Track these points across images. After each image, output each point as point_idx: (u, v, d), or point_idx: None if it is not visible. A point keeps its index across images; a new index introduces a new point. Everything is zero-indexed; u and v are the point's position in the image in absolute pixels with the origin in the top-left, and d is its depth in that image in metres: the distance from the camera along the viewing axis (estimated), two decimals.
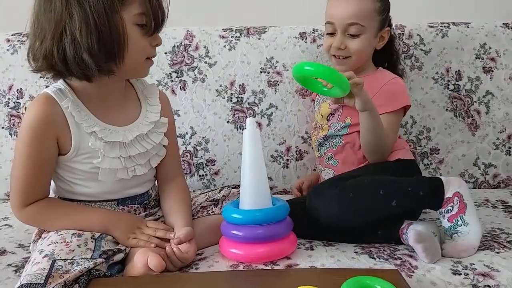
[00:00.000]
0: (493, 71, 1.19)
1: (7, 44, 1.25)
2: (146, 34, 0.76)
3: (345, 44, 0.97)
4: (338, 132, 1.00)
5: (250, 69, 1.21)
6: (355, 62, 1.00)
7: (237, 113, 1.20)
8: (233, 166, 1.18)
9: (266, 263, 0.74)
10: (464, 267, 0.73)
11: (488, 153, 1.18)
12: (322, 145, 1.03)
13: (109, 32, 0.71)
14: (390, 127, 0.94)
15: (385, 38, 1.02)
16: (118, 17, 0.72)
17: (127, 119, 0.82)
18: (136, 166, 0.81)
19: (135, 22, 0.74)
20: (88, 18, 0.70)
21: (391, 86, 0.98)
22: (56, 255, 0.69)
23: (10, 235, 0.91)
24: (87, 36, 0.70)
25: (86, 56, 0.71)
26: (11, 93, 1.22)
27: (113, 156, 0.78)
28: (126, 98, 0.84)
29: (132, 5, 0.73)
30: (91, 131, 0.76)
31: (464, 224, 0.78)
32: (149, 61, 0.80)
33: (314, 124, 1.09)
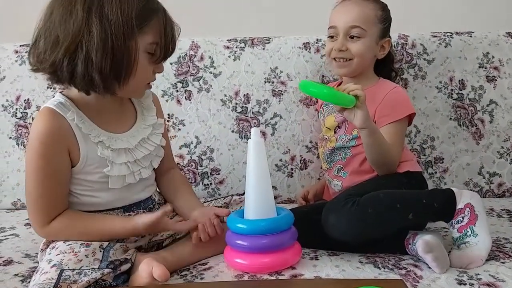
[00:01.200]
0: (496, 80, 1.20)
1: (15, 55, 1.27)
2: (153, 62, 0.77)
3: (347, 46, 0.99)
4: (346, 144, 1.00)
5: (255, 79, 1.22)
6: (357, 65, 1.00)
7: (242, 122, 1.21)
8: (238, 175, 1.18)
9: (271, 273, 0.74)
10: (470, 277, 0.73)
11: (492, 162, 1.18)
12: (331, 156, 1.03)
13: (122, 55, 0.72)
14: (395, 137, 0.94)
15: (386, 48, 1.03)
16: (133, 43, 0.72)
17: (125, 126, 0.83)
18: (141, 169, 0.83)
19: (147, 50, 0.75)
20: (107, 38, 0.70)
21: (393, 95, 0.98)
22: (64, 265, 0.69)
23: (17, 244, 0.92)
24: (102, 56, 0.70)
25: (97, 76, 0.71)
26: (18, 104, 1.24)
27: (121, 163, 0.79)
28: (121, 105, 0.85)
29: (149, 34, 0.74)
30: (98, 141, 0.77)
31: (473, 235, 0.77)
32: (148, 86, 0.82)
33: (321, 136, 1.08)
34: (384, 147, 0.90)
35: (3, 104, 1.23)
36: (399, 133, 0.96)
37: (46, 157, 0.74)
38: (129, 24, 0.71)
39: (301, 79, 1.20)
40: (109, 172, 0.78)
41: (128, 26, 0.71)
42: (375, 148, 0.90)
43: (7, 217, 1.12)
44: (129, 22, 0.71)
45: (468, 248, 0.77)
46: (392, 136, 0.93)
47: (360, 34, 0.98)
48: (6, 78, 1.24)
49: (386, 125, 0.94)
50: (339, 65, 1.01)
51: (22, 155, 1.22)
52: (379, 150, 0.90)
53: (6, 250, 0.89)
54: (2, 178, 1.21)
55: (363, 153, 0.97)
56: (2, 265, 0.82)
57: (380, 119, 0.96)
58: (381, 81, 1.05)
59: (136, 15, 0.72)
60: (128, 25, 0.71)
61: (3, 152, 1.22)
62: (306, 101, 1.20)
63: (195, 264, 0.79)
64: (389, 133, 0.93)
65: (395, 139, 0.93)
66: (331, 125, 1.04)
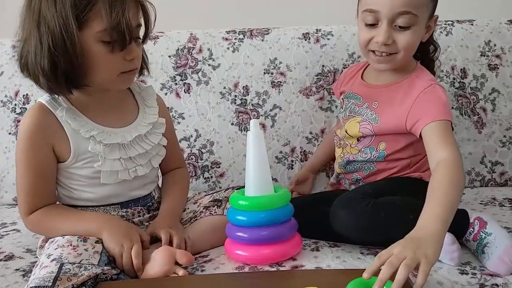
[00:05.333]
0: (498, 68, 1.18)
1: (13, 50, 1.26)
2: (114, 50, 0.73)
3: (393, 38, 0.81)
4: (371, 159, 0.89)
5: (254, 70, 1.21)
6: (401, 60, 0.84)
7: (241, 115, 1.20)
8: (238, 168, 1.17)
9: (271, 264, 0.74)
10: (472, 268, 0.72)
11: (494, 151, 1.17)
12: (349, 165, 0.92)
13: (66, 53, 0.70)
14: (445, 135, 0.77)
15: (431, 28, 0.86)
16: (74, 38, 0.70)
17: (125, 122, 0.82)
18: (137, 167, 0.81)
19: (100, 39, 0.72)
20: (42, 41, 0.70)
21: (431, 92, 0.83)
22: (64, 258, 0.69)
23: (18, 240, 0.92)
24: (41, 58, 0.70)
25: (40, 77, 0.72)
26: (17, 99, 1.24)
27: (114, 158, 0.79)
28: (122, 101, 0.84)
29: (93, 23, 0.71)
30: (89, 136, 0.77)
31: (488, 234, 0.74)
32: (125, 75, 0.77)
33: (340, 135, 0.95)
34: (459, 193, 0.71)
35: (2, 100, 1.23)
36: (449, 132, 0.79)
37: (29, 151, 0.76)
38: (65, 19, 0.69)
39: None
40: (100, 167, 0.78)
41: (64, 21, 0.69)
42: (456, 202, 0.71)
43: (9, 213, 1.12)
44: (64, 17, 0.69)
45: (491, 247, 0.73)
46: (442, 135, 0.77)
47: (411, 22, 0.79)
48: (4, 74, 1.24)
49: (431, 123, 0.79)
50: (380, 60, 0.84)
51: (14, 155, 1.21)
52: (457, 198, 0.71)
53: (8, 245, 0.89)
54: (3, 174, 1.21)
55: (388, 170, 0.87)
56: (3, 260, 0.82)
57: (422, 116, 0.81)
58: (419, 69, 0.88)
59: (72, 9, 0.69)
60: (63, 21, 0.69)
61: (3, 147, 1.22)
62: (306, 92, 1.20)
63: (195, 256, 0.79)
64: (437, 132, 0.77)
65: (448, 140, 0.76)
66: (353, 134, 0.90)
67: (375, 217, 0.74)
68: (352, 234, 0.77)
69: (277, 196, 0.76)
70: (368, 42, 0.84)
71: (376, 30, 0.81)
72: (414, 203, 0.76)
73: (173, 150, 0.91)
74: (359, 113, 0.91)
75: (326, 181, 1.17)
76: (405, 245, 0.62)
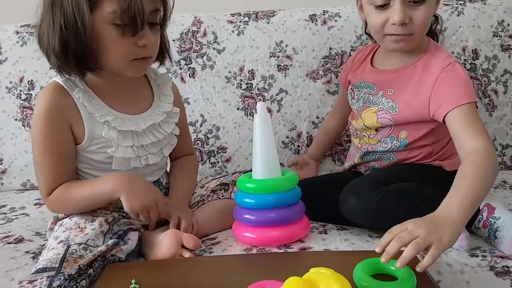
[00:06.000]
0: (511, 49, 1.15)
1: (16, 36, 1.25)
2: (126, 35, 0.70)
3: (410, 16, 0.75)
4: (391, 149, 0.85)
5: (260, 54, 1.19)
6: (416, 40, 0.79)
7: (247, 99, 1.19)
8: (244, 153, 1.17)
9: (279, 246, 0.73)
10: (483, 251, 0.71)
11: (505, 134, 1.14)
12: (368, 155, 0.88)
13: (76, 34, 0.69)
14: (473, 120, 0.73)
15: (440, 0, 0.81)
16: (85, 18, 0.68)
17: (139, 108, 0.81)
18: (148, 155, 0.80)
19: (110, 21, 0.69)
20: (54, 20, 0.70)
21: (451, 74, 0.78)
22: (71, 240, 0.70)
23: (27, 223, 0.93)
24: (52, 37, 0.70)
25: (53, 57, 0.71)
26: (22, 85, 1.23)
27: (126, 145, 0.78)
28: (138, 87, 0.83)
29: (104, 4, 0.68)
30: (104, 121, 0.76)
31: (497, 219, 0.72)
32: (137, 62, 0.74)
33: (357, 126, 0.90)
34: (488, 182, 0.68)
35: (7, 86, 1.22)
36: (476, 116, 0.74)
37: (47, 131, 0.75)
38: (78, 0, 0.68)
39: None
40: (113, 153, 0.77)
41: (77, 2, 0.68)
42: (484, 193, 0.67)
43: (18, 198, 1.13)
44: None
45: (502, 231, 0.71)
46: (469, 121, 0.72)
47: None
48: (8, 60, 1.23)
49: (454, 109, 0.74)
50: (399, 41, 0.78)
51: (28, 136, 1.21)
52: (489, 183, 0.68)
53: (17, 229, 0.89)
54: (10, 159, 1.21)
55: (410, 159, 0.84)
56: (14, 243, 0.83)
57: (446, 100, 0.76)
58: (431, 47, 0.84)
59: None
60: (77, 1, 0.68)
61: (10, 134, 1.22)
62: (312, 75, 1.18)
63: (203, 239, 0.79)
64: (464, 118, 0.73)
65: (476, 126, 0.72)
66: (371, 125, 0.86)
67: (385, 206, 0.73)
68: (361, 221, 0.76)
69: (284, 179, 0.76)
70: (383, 26, 0.78)
71: (389, 10, 0.76)
72: (427, 192, 0.75)
73: (184, 139, 0.90)
74: (375, 103, 0.86)
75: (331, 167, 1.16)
76: (420, 224, 0.60)
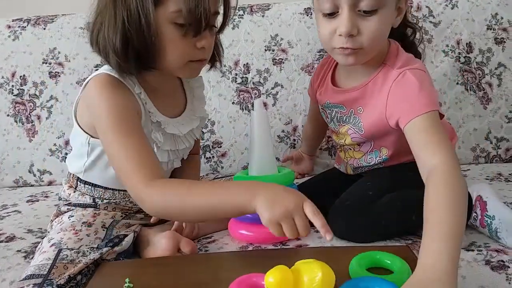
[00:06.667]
0: (505, 42, 1.15)
1: (8, 30, 1.23)
2: (187, 35, 0.67)
3: (358, 27, 0.68)
4: (377, 162, 0.81)
5: (255, 47, 1.18)
6: (367, 55, 0.71)
7: (242, 93, 1.18)
8: (240, 147, 1.16)
9: (275, 243, 0.73)
10: (478, 246, 0.71)
11: (500, 126, 1.15)
12: (357, 169, 0.86)
13: (139, 31, 0.66)
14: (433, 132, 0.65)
15: (403, 10, 0.73)
16: (150, 15, 0.65)
17: (175, 111, 0.78)
18: (175, 160, 0.79)
19: (173, 20, 0.66)
20: (117, 15, 0.66)
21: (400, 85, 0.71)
22: (63, 244, 0.68)
23: (19, 221, 0.92)
24: (113, 34, 0.66)
25: (111, 53, 0.67)
26: (14, 80, 1.22)
27: (165, 149, 0.75)
28: (174, 89, 0.80)
29: (169, 2, 0.66)
30: (156, 121, 0.72)
31: (491, 218, 0.71)
32: (194, 64, 0.71)
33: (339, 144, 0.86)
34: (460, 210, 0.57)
35: None
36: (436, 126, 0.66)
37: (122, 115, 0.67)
38: None
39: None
40: None
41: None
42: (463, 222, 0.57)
43: (10, 195, 1.12)
44: None
45: (502, 231, 0.70)
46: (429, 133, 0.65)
47: (377, 3, 0.66)
48: (0, 55, 1.21)
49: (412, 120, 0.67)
50: (347, 55, 0.70)
51: (21, 132, 1.20)
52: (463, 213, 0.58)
53: (9, 227, 0.88)
54: (2, 156, 1.20)
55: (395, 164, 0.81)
56: (5, 241, 0.82)
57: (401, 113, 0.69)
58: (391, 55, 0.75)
59: None
60: None
61: (2, 130, 1.20)
62: (308, 69, 1.17)
63: (199, 238, 0.78)
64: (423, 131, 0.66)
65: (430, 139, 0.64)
66: (349, 143, 0.82)
67: (376, 225, 0.71)
68: (353, 241, 0.73)
69: (281, 176, 0.75)
70: (330, 38, 0.70)
71: (337, 20, 0.68)
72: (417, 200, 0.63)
73: (197, 141, 0.89)
74: (346, 121, 0.81)
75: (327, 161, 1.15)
76: None
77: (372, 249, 0.61)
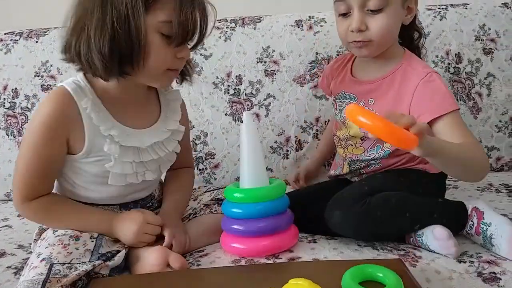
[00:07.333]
0: (493, 52, 1.17)
1: (0, 43, 1.23)
2: (170, 44, 0.70)
3: (366, 24, 0.78)
4: (376, 156, 0.85)
5: (247, 59, 1.19)
6: (378, 47, 0.81)
7: (235, 105, 1.18)
8: (233, 158, 1.16)
9: (268, 256, 0.73)
10: (470, 256, 0.72)
11: (490, 136, 1.16)
12: (354, 164, 0.89)
13: (127, 35, 0.67)
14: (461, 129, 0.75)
15: (413, 10, 0.82)
16: (140, 21, 0.67)
17: (145, 122, 0.78)
18: (146, 172, 0.78)
19: (159, 29, 0.69)
20: (106, 18, 0.66)
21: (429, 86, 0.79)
22: (53, 258, 0.67)
23: (9, 236, 0.91)
24: (100, 36, 0.66)
25: (96, 57, 0.67)
26: (6, 93, 1.21)
27: (126, 161, 0.75)
28: (146, 100, 0.80)
29: (159, 11, 0.68)
30: (108, 134, 0.73)
31: (488, 225, 0.73)
32: (170, 73, 0.74)
33: (342, 136, 0.90)
34: (467, 155, 0.70)
35: None
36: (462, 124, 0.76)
37: (43, 138, 0.71)
38: (134, 1, 0.67)
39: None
40: (111, 169, 0.74)
41: (132, 3, 0.66)
42: (456, 166, 0.71)
43: (1, 209, 1.11)
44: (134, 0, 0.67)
45: (497, 238, 0.71)
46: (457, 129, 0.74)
47: (382, 3, 0.77)
48: None
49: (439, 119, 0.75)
50: (359, 47, 0.81)
51: (12, 145, 1.19)
52: (463, 165, 0.71)
53: None
54: None
55: (394, 164, 0.85)
56: None
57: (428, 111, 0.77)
58: (408, 57, 0.85)
59: None
60: (132, 2, 0.66)
61: None
62: (299, 80, 1.18)
63: (191, 252, 0.78)
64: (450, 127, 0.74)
65: (464, 133, 0.74)
66: (356, 134, 0.87)
67: (371, 217, 0.73)
68: (348, 234, 0.76)
69: (272, 188, 0.75)
70: (346, 34, 0.82)
71: (350, 18, 0.80)
72: (411, 201, 0.75)
73: (186, 153, 0.88)
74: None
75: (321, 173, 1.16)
76: None
77: (364, 262, 0.62)
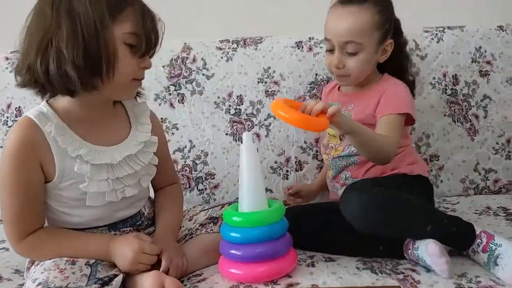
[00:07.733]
0: (489, 74, 1.19)
1: (5, 62, 1.25)
2: (135, 55, 0.73)
3: (343, 63, 0.93)
4: (354, 152, 0.95)
5: (248, 79, 1.21)
6: (355, 79, 0.97)
7: (236, 124, 1.20)
8: (233, 179, 1.17)
9: (266, 282, 0.73)
10: (469, 280, 0.72)
11: (488, 158, 1.17)
12: (337, 164, 0.98)
13: (97, 46, 0.69)
14: (391, 128, 0.90)
15: (388, 51, 0.96)
16: (108, 33, 0.70)
17: (115, 139, 0.79)
18: (125, 188, 0.78)
19: (125, 40, 0.72)
20: (77, 30, 0.68)
21: (393, 89, 0.95)
22: (50, 282, 0.67)
23: (6, 259, 0.89)
24: (73, 48, 0.68)
25: (70, 69, 0.68)
26: (9, 112, 1.23)
27: (101, 179, 0.75)
28: (114, 117, 0.82)
29: (125, 23, 0.71)
30: (77, 155, 0.73)
31: (498, 246, 0.75)
32: (136, 83, 0.77)
33: (325, 143, 1.03)
34: (376, 142, 0.86)
35: None
36: (392, 124, 0.91)
37: (16, 169, 0.72)
38: (100, 14, 0.69)
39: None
40: (86, 188, 0.74)
41: (99, 16, 0.69)
42: (366, 147, 0.86)
43: None
44: (100, 12, 0.69)
45: (504, 258, 0.73)
46: (387, 126, 0.90)
47: (357, 49, 0.91)
48: None
49: (383, 116, 0.92)
50: (339, 78, 0.98)
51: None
52: (373, 146, 0.86)
53: None
54: None
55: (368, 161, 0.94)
56: None
57: (380, 109, 0.93)
58: (384, 78, 0.99)
59: (107, 5, 0.70)
60: (99, 15, 0.69)
61: None
62: (299, 100, 1.18)
63: (189, 276, 0.78)
64: (384, 123, 0.91)
65: (390, 130, 0.90)
66: (335, 133, 0.99)
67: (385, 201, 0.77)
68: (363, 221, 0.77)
69: (271, 211, 0.76)
70: (330, 66, 0.97)
71: (333, 55, 0.95)
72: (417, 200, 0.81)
73: (166, 168, 0.89)
74: None
75: None
76: None
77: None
